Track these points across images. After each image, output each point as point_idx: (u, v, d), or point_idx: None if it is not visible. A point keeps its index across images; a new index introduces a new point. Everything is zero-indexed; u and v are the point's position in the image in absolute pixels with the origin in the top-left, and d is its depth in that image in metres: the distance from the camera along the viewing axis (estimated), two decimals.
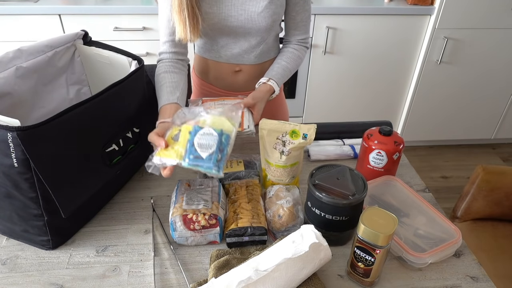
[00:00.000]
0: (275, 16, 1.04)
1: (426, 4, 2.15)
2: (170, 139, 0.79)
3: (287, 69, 1.11)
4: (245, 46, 1.11)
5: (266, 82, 1.06)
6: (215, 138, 0.75)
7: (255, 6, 1.01)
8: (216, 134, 0.75)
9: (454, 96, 2.46)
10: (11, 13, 1.98)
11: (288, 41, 1.17)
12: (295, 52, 1.14)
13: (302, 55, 1.17)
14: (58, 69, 0.99)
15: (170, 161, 0.76)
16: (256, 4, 1.01)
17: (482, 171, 1.44)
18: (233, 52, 1.12)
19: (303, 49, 1.17)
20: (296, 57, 1.14)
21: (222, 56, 1.13)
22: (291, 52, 1.14)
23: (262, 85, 1.05)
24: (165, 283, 0.76)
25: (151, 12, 2.04)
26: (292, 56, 1.13)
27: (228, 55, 1.13)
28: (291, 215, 0.82)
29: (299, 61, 1.15)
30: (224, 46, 1.11)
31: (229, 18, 1.02)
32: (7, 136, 0.66)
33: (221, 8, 1.01)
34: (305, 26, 1.14)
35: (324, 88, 2.39)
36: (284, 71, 1.10)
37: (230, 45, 1.10)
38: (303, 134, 0.88)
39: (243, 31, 1.06)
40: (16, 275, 0.77)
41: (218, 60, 1.15)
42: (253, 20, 1.03)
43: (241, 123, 0.94)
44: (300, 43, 1.16)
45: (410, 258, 0.78)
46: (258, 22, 1.04)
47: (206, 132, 0.75)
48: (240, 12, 1.02)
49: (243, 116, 0.98)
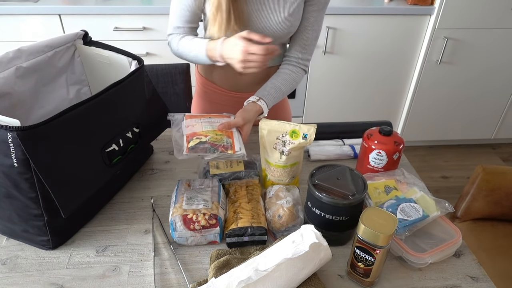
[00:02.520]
0: (291, 28, 1.05)
1: (426, 4, 2.15)
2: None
3: (280, 91, 1.06)
4: None
5: (256, 101, 1.00)
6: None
7: (276, 15, 1.01)
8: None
9: (454, 96, 2.46)
10: (11, 13, 1.98)
11: (288, 57, 1.12)
12: (292, 75, 1.09)
13: (299, 79, 1.12)
14: (58, 69, 0.99)
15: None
16: (278, 14, 1.01)
17: (482, 171, 1.44)
18: None
19: (301, 72, 1.12)
20: (292, 80, 1.09)
21: None
22: (288, 74, 1.09)
23: (252, 105, 1.00)
24: (165, 283, 0.76)
25: (151, 12, 2.04)
26: (288, 79, 1.09)
27: None
28: (291, 215, 0.82)
29: (294, 84, 1.10)
30: None
31: (248, 22, 1.02)
32: (7, 136, 0.66)
33: (242, 12, 1.00)
34: (309, 46, 1.10)
35: (324, 88, 2.39)
36: (277, 92, 1.05)
37: None
38: (303, 134, 0.88)
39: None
40: (16, 275, 0.77)
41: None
42: (271, 28, 1.03)
43: (232, 145, 0.90)
44: (299, 64, 1.11)
45: (410, 258, 0.78)
46: (275, 31, 1.04)
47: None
48: (260, 18, 1.02)
49: (233, 137, 0.93)
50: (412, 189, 0.89)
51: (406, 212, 0.82)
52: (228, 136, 0.92)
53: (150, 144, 1.10)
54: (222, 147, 0.88)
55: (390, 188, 0.89)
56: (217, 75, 1.19)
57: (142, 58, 1.04)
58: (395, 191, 0.88)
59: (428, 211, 0.83)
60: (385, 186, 0.90)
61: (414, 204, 0.83)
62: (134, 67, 0.91)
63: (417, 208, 0.83)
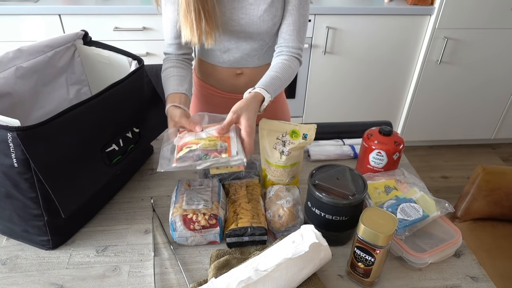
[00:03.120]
0: (275, 19, 1.03)
1: (426, 4, 2.15)
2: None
3: (276, 77, 0.97)
4: (247, 50, 1.10)
5: (251, 91, 0.91)
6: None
7: (255, 9, 1.01)
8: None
9: (454, 96, 2.46)
10: (11, 13, 1.98)
11: (279, 48, 1.06)
12: (286, 62, 1.01)
13: (294, 66, 1.03)
14: (58, 69, 0.99)
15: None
16: (257, 7, 1.00)
17: (482, 171, 1.44)
18: (235, 56, 1.11)
19: (295, 60, 1.03)
20: (287, 67, 1.01)
21: (225, 61, 1.13)
22: (281, 63, 1.01)
23: (251, 95, 0.90)
24: (165, 283, 0.76)
25: (151, 12, 2.04)
26: (282, 66, 1.00)
27: (230, 59, 1.12)
28: (291, 215, 0.82)
29: (290, 71, 1.01)
30: (226, 52, 1.10)
31: (230, 22, 1.02)
32: (7, 136, 0.66)
33: (223, 12, 1.00)
34: (298, 32, 1.03)
35: (324, 88, 2.39)
36: (273, 79, 0.96)
37: (232, 50, 1.09)
38: (303, 134, 0.88)
39: (245, 35, 1.05)
40: (16, 275, 0.77)
41: (220, 65, 1.14)
42: (254, 24, 1.03)
43: (228, 149, 0.79)
44: (291, 53, 1.03)
45: (410, 258, 0.78)
46: (259, 25, 1.03)
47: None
48: (241, 16, 1.01)
49: (229, 141, 0.82)
50: (412, 189, 0.89)
51: (406, 212, 0.82)
52: (223, 141, 0.82)
53: (150, 144, 1.10)
54: (215, 151, 0.79)
55: (390, 188, 0.89)
56: (214, 77, 1.19)
57: (142, 58, 1.05)
58: (395, 191, 0.88)
59: (428, 211, 0.83)
60: (385, 186, 0.90)
61: (414, 204, 0.83)
62: (134, 67, 0.91)
63: (417, 208, 0.83)
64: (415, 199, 0.85)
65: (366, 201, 0.87)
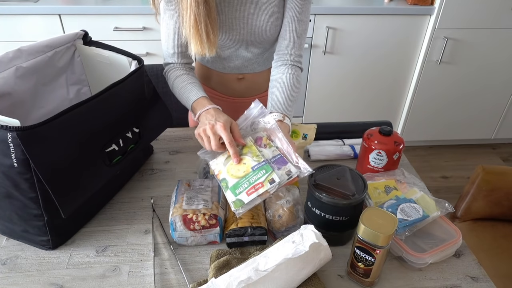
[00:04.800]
0: (276, 27, 1.03)
1: (426, 4, 2.15)
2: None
3: (292, 98, 0.98)
4: (248, 57, 1.09)
5: (283, 120, 0.91)
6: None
7: (256, 19, 1.00)
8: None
9: (454, 96, 2.46)
10: (11, 13, 1.98)
11: (281, 55, 1.04)
12: (296, 77, 1.02)
13: (300, 79, 1.04)
14: (58, 69, 0.99)
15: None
16: (258, 17, 1.00)
17: (482, 171, 1.44)
18: (236, 63, 1.11)
19: (299, 71, 1.04)
20: (298, 84, 1.02)
21: (226, 67, 1.13)
22: (293, 79, 1.01)
23: (280, 124, 0.89)
24: (165, 283, 0.76)
25: (151, 12, 2.01)
26: (296, 84, 1.01)
27: (231, 66, 1.12)
28: (291, 215, 0.82)
29: (299, 87, 1.03)
30: (226, 59, 1.10)
31: (231, 31, 1.02)
32: (7, 136, 0.66)
33: (223, 22, 1.00)
34: (299, 39, 1.03)
35: (324, 88, 2.39)
36: (292, 103, 0.98)
37: (232, 57, 1.09)
38: (303, 134, 0.88)
39: (246, 44, 1.05)
40: (16, 275, 0.77)
41: (221, 70, 1.14)
42: (255, 33, 1.02)
43: (287, 158, 0.79)
44: (294, 62, 1.03)
45: (410, 258, 0.78)
46: (259, 34, 1.03)
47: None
48: (242, 25, 1.01)
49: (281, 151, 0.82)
50: (412, 189, 0.89)
51: (406, 212, 0.82)
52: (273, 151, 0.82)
53: (150, 144, 1.10)
54: (281, 162, 0.79)
55: (390, 188, 0.89)
56: (215, 80, 1.19)
57: (142, 58, 1.04)
58: (395, 191, 0.88)
59: (428, 211, 0.83)
60: (385, 186, 0.90)
61: (414, 204, 0.83)
62: (134, 67, 0.91)
63: (417, 208, 0.83)
64: (415, 199, 0.85)
65: (366, 201, 0.87)
